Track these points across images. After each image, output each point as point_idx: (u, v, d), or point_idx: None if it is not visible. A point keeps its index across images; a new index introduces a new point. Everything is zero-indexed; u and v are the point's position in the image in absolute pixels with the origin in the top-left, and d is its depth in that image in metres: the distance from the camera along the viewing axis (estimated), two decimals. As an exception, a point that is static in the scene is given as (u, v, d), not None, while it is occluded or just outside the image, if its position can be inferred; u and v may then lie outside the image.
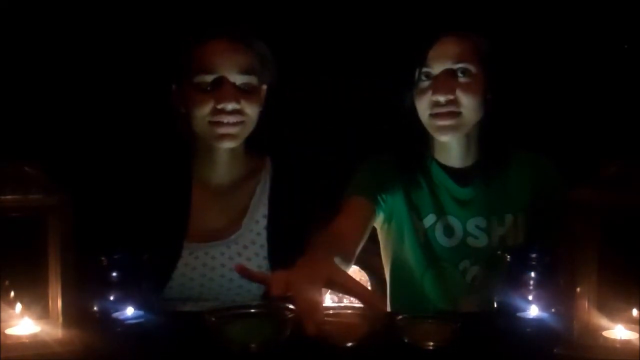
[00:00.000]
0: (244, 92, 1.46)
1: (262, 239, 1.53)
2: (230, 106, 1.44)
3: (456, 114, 1.46)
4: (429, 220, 1.56)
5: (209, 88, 1.44)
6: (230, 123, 1.45)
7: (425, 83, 1.48)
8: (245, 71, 1.46)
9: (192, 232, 1.50)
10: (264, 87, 1.54)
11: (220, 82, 1.44)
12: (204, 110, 1.45)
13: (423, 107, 1.49)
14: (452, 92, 1.45)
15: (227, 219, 1.54)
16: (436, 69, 1.46)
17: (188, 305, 1.47)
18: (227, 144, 1.48)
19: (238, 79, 1.45)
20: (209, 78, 1.44)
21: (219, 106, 1.44)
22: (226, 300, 1.48)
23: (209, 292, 1.49)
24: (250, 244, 1.52)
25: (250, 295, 1.50)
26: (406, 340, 1.09)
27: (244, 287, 1.50)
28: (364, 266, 1.93)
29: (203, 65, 1.45)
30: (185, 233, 1.50)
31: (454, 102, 1.45)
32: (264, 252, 1.52)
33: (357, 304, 1.28)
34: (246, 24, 1.51)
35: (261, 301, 1.47)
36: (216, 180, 1.55)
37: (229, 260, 1.50)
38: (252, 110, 1.48)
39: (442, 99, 1.45)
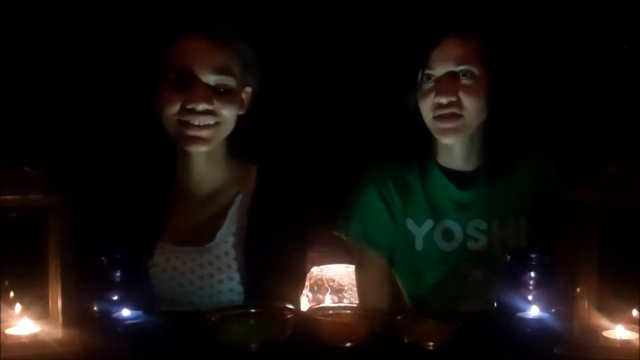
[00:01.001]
0: (219, 93, 1.40)
1: (237, 252, 1.46)
2: (200, 106, 1.38)
3: (458, 116, 1.46)
4: (427, 225, 1.55)
5: (180, 86, 1.38)
6: (200, 125, 1.39)
7: (428, 85, 1.48)
8: (219, 71, 1.40)
9: (168, 234, 1.46)
10: (248, 89, 1.49)
11: (192, 81, 1.38)
12: (173, 109, 1.39)
13: (426, 109, 1.49)
14: (454, 94, 1.45)
15: (204, 226, 1.48)
16: (438, 71, 1.46)
17: (164, 305, 1.40)
18: (197, 147, 1.42)
19: (212, 78, 1.39)
20: (179, 75, 1.39)
21: (189, 106, 1.38)
22: (200, 307, 1.39)
23: (180, 296, 1.44)
24: (223, 255, 1.46)
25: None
26: (406, 340, 1.09)
27: (214, 298, 1.45)
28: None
29: (174, 62, 1.39)
30: (159, 232, 1.45)
31: (456, 104, 1.45)
32: (236, 265, 1.46)
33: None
34: (228, 23, 1.46)
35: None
36: (195, 184, 1.50)
37: (199, 267, 1.45)
38: (228, 112, 1.42)
39: (444, 101, 1.45)
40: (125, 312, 1.15)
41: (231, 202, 1.50)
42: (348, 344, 1.08)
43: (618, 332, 1.08)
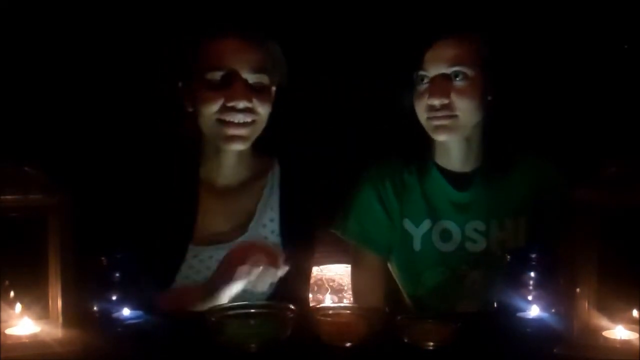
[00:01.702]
0: (256, 91, 1.41)
1: (269, 243, 1.49)
2: (241, 104, 1.39)
3: (452, 116, 1.46)
4: (425, 226, 1.55)
5: (219, 85, 1.39)
6: (240, 123, 1.40)
7: (423, 86, 1.48)
8: (257, 69, 1.41)
9: (196, 235, 1.47)
10: (274, 88, 1.50)
11: (232, 79, 1.39)
12: (213, 108, 1.40)
13: (421, 109, 1.49)
14: (447, 96, 1.44)
15: (233, 222, 1.50)
16: (431, 72, 1.46)
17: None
18: (236, 146, 1.43)
19: (250, 77, 1.41)
20: (220, 74, 1.39)
21: (230, 104, 1.39)
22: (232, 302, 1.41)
23: None
24: None
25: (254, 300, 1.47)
26: (406, 340, 1.09)
27: (248, 291, 1.43)
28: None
29: (214, 61, 1.40)
30: (190, 236, 1.46)
31: (449, 106, 1.45)
32: None
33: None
34: (258, 22, 1.48)
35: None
36: (222, 182, 1.51)
37: None
38: (263, 111, 1.43)
39: (436, 102, 1.45)
40: (125, 312, 1.16)
41: (259, 196, 1.52)
42: (348, 344, 1.08)
43: (618, 332, 1.08)
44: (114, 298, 1.15)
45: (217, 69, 1.40)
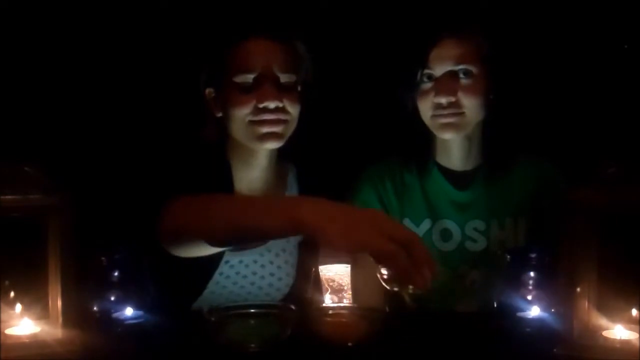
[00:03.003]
0: (286, 91, 1.40)
1: (291, 246, 1.51)
2: (273, 104, 1.38)
3: (459, 114, 1.46)
4: (425, 225, 1.56)
5: (250, 87, 1.39)
6: (273, 120, 1.39)
7: (428, 85, 1.48)
8: (286, 69, 1.41)
9: None
10: (299, 87, 1.48)
11: (262, 80, 1.38)
12: (245, 110, 1.38)
13: (425, 108, 1.49)
14: (454, 93, 1.45)
15: None
16: (438, 70, 1.46)
17: None
18: (271, 144, 1.41)
19: (279, 77, 1.40)
20: (251, 77, 1.38)
21: (261, 105, 1.38)
22: None
23: (236, 299, 1.46)
24: (281, 252, 1.50)
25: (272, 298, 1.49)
26: (405, 340, 1.09)
27: (271, 295, 1.49)
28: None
29: (244, 63, 1.39)
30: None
31: (456, 104, 1.45)
32: (292, 259, 1.52)
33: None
34: (284, 21, 1.47)
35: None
36: (251, 187, 1.49)
37: (260, 268, 1.48)
38: (294, 110, 1.42)
39: (444, 100, 1.45)
40: (125, 312, 1.16)
41: None
42: (348, 344, 1.08)
43: (618, 332, 1.08)
44: (113, 298, 1.15)
45: (248, 72, 1.39)
